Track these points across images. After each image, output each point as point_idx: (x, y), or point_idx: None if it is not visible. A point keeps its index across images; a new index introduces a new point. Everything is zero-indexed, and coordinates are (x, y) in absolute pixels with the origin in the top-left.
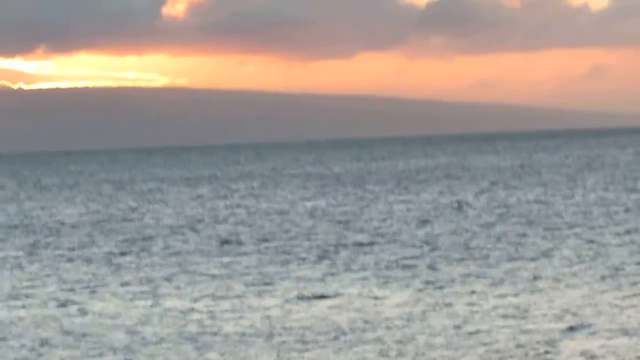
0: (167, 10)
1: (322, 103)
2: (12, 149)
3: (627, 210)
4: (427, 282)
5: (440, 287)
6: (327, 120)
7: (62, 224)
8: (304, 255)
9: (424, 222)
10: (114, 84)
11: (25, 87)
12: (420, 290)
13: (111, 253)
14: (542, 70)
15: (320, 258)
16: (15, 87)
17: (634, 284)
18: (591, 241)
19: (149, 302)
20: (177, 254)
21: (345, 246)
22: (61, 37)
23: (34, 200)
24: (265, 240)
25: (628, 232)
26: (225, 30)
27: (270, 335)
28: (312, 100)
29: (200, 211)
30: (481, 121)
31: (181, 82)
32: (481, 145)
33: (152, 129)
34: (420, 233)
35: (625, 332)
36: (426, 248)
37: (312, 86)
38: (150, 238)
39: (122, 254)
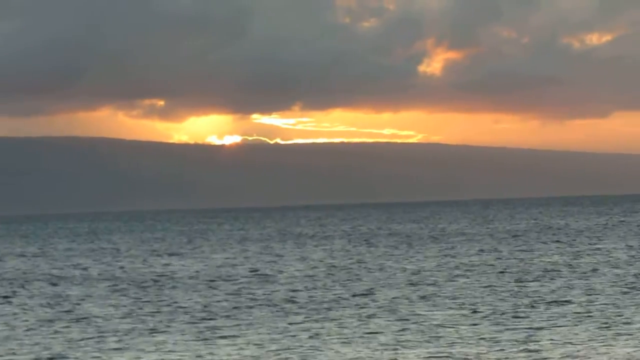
0: (423, 68)
1: (579, 160)
2: (271, 203)
3: None
4: None
5: None
6: (583, 177)
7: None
8: None
9: None
10: (370, 140)
11: (282, 142)
12: None
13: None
14: None
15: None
16: (272, 142)
17: None
18: None
19: None
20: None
21: None
22: (318, 94)
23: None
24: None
25: None
26: (480, 89)
27: None
28: (568, 158)
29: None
30: None
31: (436, 138)
32: None
33: (408, 183)
34: None
35: None
36: None
37: (567, 145)
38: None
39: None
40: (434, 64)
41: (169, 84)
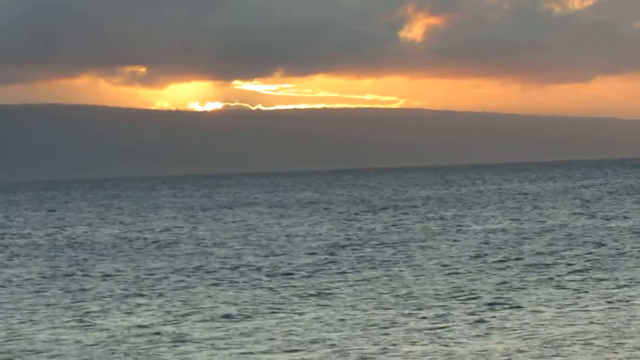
0: (403, 33)
1: (559, 125)
2: (252, 169)
3: None
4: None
5: None
6: (565, 141)
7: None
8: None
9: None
10: (352, 105)
11: (264, 108)
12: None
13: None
14: None
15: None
16: (254, 108)
17: None
18: None
19: None
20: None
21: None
22: (299, 60)
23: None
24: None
25: None
26: (461, 54)
27: None
28: (549, 122)
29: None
30: None
31: (418, 103)
32: None
33: (390, 149)
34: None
35: None
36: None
37: (548, 109)
38: None
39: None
40: (415, 30)
41: (150, 51)
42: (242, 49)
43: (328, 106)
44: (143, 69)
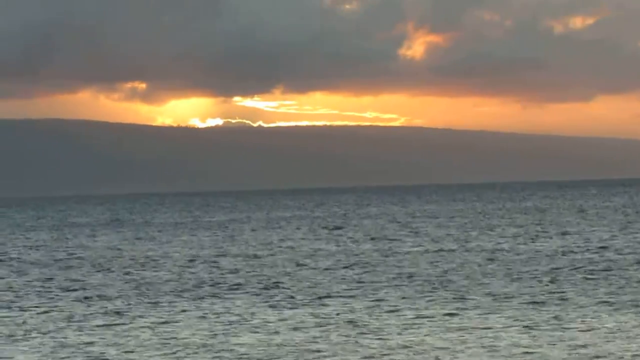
0: (403, 51)
1: (559, 144)
2: (254, 186)
3: None
4: None
5: None
6: (565, 161)
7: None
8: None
9: None
10: (352, 123)
11: (265, 125)
12: None
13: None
14: None
15: None
16: (255, 125)
17: None
18: None
19: None
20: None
21: None
22: (299, 77)
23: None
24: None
25: None
26: (461, 72)
27: None
28: (549, 142)
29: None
30: None
31: (418, 122)
32: None
33: (391, 167)
34: None
35: None
36: None
37: (548, 128)
38: None
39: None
40: (415, 47)
41: (149, 67)
42: (242, 66)
43: (329, 123)
44: (143, 85)
